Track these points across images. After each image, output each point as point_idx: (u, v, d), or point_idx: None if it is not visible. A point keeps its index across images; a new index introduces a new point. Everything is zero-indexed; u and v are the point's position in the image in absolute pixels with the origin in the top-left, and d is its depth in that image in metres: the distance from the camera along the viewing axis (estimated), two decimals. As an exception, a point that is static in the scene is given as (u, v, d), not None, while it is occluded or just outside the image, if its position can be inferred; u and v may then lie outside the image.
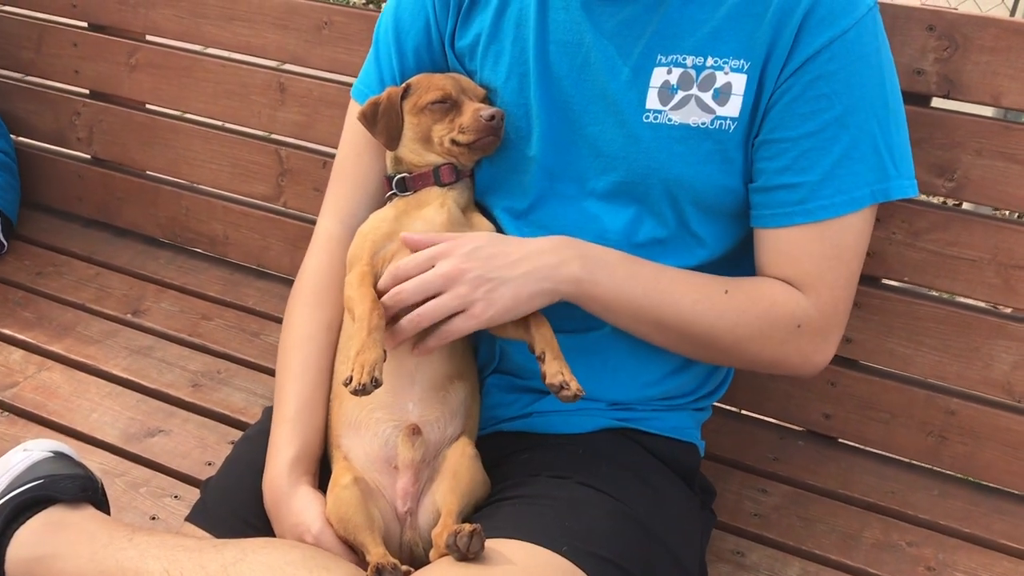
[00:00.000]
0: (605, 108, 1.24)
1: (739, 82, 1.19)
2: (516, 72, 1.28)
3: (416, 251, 1.20)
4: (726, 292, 1.22)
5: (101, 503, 1.27)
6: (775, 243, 1.23)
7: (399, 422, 1.21)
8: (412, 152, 1.29)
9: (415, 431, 1.21)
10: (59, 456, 1.29)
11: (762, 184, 1.22)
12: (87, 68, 2.07)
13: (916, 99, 1.44)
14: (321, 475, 1.25)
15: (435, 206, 1.26)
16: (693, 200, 1.23)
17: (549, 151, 1.27)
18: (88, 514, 1.22)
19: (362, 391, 1.11)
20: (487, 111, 1.24)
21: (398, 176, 1.29)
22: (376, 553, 1.13)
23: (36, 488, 1.22)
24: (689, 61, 1.20)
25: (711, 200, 1.24)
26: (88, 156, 2.15)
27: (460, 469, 1.20)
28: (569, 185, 1.28)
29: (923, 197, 1.55)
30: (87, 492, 1.24)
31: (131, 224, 2.14)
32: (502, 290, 1.16)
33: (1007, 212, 2.37)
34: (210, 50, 1.97)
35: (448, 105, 1.26)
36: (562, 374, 1.16)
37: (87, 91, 2.11)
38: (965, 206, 2.04)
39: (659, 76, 1.21)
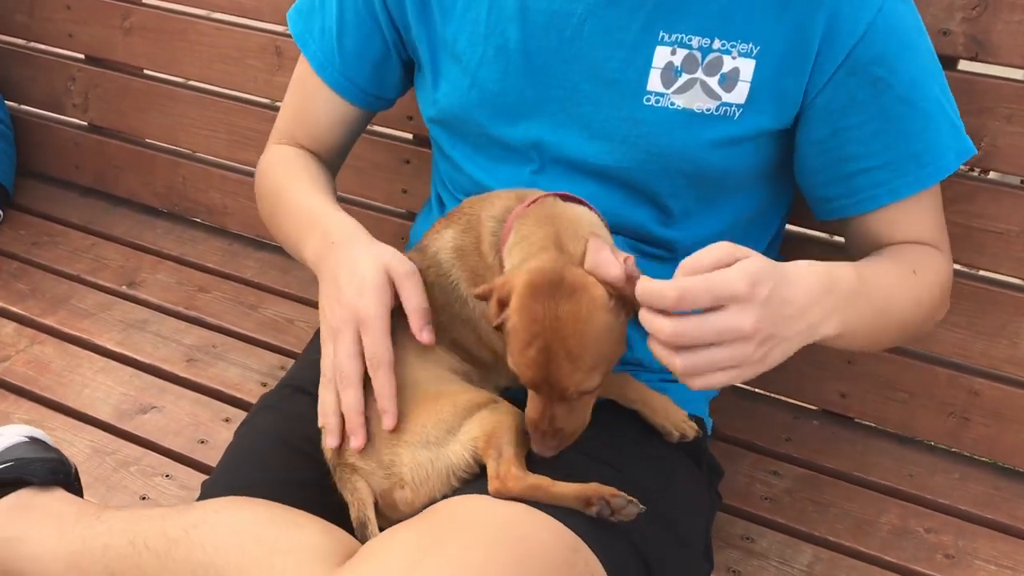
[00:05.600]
0: (600, 88, 1.16)
1: (747, 68, 1.12)
2: (492, 43, 1.19)
3: (695, 272, 0.93)
4: (914, 273, 1.17)
5: (73, 487, 1.23)
6: (874, 223, 1.20)
7: None
8: None
9: None
10: (34, 441, 1.25)
11: (838, 174, 1.18)
12: (81, 32, 2.01)
13: (942, 61, 1.33)
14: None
15: None
16: (692, 184, 1.18)
17: (534, 133, 1.20)
18: (57, 496, 1.18)
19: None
20: (536, 445, 1.03)
21: None
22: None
23: (5, 470, 1.18)
24: (695, 42, 1.12)
25: (710, 184, 1.18)
26: (85, 123, 2.10)
27: None
28: (557, 167, 1.21)
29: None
30: (58, 475, 1.20)
31: (129, 193, 2.09)
32: (779, 350, 0.97)
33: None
34: (205, 12, 1.91)
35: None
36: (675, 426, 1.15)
37: (82, 56, 2.05)
38: (992, 175, 1.95)
39: (662, 56, 1.13)
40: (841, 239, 1.32)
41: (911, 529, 1.41)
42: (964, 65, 1.37)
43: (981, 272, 1.47)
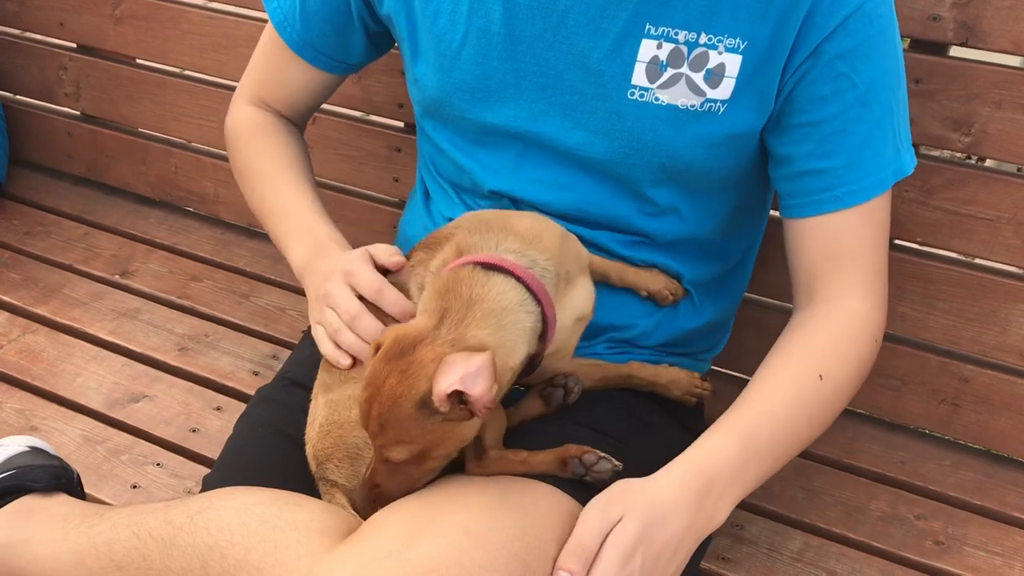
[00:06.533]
0: (584, 78, 1.15)
1: (733, 63, 1.11)
2: (475, 25, 1.17)
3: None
4: (820, 378, 1.12)
5: (76, 493, 1.24)
6: (814, 232, 1.16)
7: None
8: None
9: None
10: (35, 451, 1.27)
11: (788, 171, 1.16)
12: (72, 20, 2.00)
13: (932, 47, 1.35)
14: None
15: None
16: (675, 179, 1.17)
17: (515, 119, 1.19)
18: (60, 500, 1.19)
19: None
20: (357, 495, 1.07)
21: None
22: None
23: (8, 478, 1.19)
24: (681, 36, 1.11)
25: (694, 179, 1.18)
26: (77, 112, 2.09)
27: None
28: (540, 154, 1.21)
29: (938, 153, 1.47)
30: (60, 480, 1.21)
31: (121, 182, 2.08)
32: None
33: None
34: (195, 0, 1.90)
35: None
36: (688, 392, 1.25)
37: (73, 45, 2.05)
38: (989, 163, 1.95)
39: (648, 50, 1.12)
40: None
41: (901, 516, 1.41)
42: (954, 51, 1.37)
43: (971, 259, 1.47)
